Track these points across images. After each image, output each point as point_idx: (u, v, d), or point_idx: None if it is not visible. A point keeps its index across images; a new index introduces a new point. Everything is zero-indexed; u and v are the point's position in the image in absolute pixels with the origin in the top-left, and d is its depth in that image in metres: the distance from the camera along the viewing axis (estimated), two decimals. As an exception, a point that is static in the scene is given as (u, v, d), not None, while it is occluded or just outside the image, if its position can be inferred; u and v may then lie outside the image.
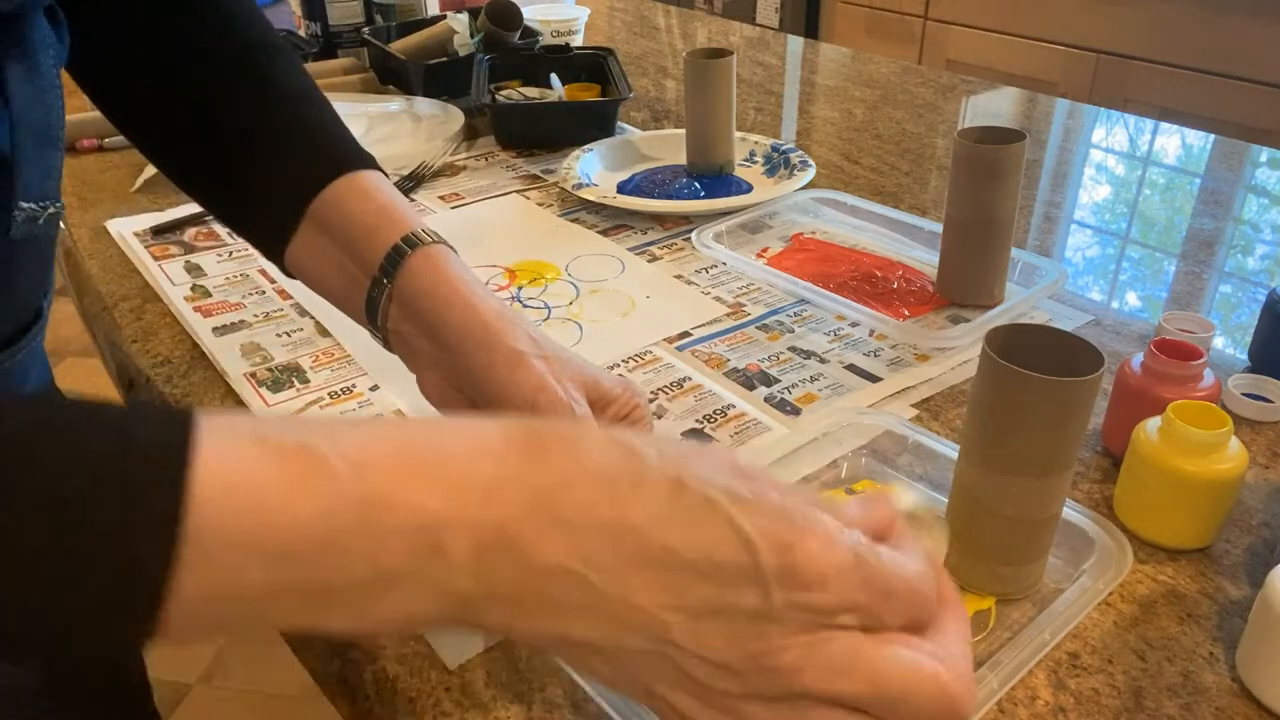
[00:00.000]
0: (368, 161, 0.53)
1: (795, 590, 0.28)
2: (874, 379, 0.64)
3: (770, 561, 0.28)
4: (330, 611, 0.27)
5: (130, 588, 0.25)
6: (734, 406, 0.61)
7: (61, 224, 0.88)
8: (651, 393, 0.62)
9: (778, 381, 0.64)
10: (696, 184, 0.92)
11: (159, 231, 0.84)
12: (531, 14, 1.34)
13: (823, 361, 0.66)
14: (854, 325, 0.70)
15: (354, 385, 0.63)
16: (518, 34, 1.21)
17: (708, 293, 0.75)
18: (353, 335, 0.69)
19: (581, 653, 0.30)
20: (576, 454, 0.28)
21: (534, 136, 1.05)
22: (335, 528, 0.26)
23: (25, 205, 0.44)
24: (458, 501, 0.27)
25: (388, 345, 0.52)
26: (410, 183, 0.95)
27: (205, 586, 0.25)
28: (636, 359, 0.66)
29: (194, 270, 0.79)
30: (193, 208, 0.89)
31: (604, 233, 0.85)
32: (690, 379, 0.64)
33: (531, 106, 1.08)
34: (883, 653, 0.29)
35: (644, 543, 0.28)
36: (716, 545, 0.28)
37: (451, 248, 0.51)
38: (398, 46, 1.22)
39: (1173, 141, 1.11)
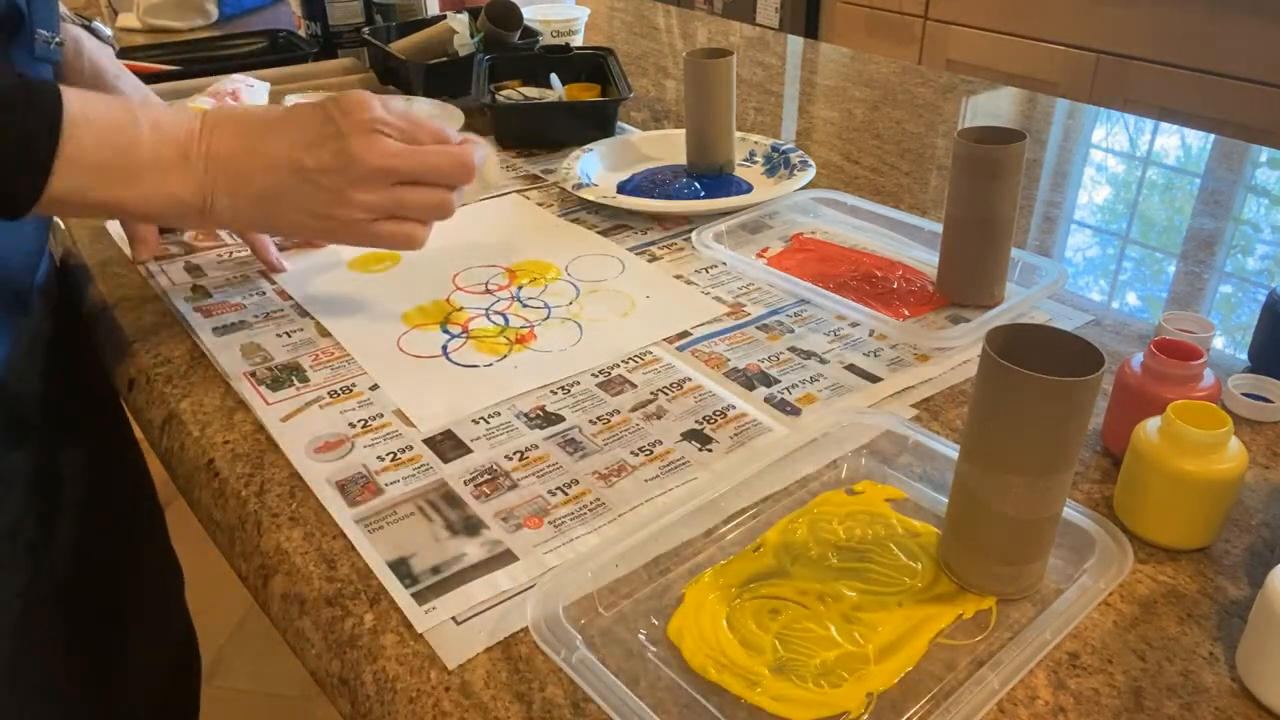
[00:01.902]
0: None
1: (351, 115, 0.59)
2: (874, 379, 0.64)
3: (335, 112, 0.60)
4: (124, 194, 0.55)
5: (30, 146, 0.51)
6: (734, 407, 0.61)
7: (61, 224, 0.88)
8: (651, 393, 0.62)
9: (778, 382, 0.64)
10: (696, 184, 0.92)
11: (159, 232, 0.84)
12: (531, 14, 1.34)
13: (823, 362, 0.66)
14: (854, 325, 0.70)
15: (354, 385, 0.63)
16: (518, 34, 1.21)
17: (708, 293, 0.75)
18: (353, 335, 0.69)
19: (276, 206, 0.60)
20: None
21: (534, 136, 1.05)
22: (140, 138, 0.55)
23: (41, 32, 0.61)
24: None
25: None
26: (410, 183, 0.95)
27: (72, 157, 0.52)
28: (636, 359, 0.66)
29: (194, 270, 0.79)
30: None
31: (604, 233, 0.85)
32: (690, 379, 0.64)
33: (531, 106, 1.08)
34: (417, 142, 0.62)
35: (274, 128, 0.60)
36: (310, 118, 0.60)
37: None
38: (398, 46, 1.22)
39: (1173, 141, 1.11)
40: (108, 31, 0.75)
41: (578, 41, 1.40)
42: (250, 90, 1.04)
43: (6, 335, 0.65)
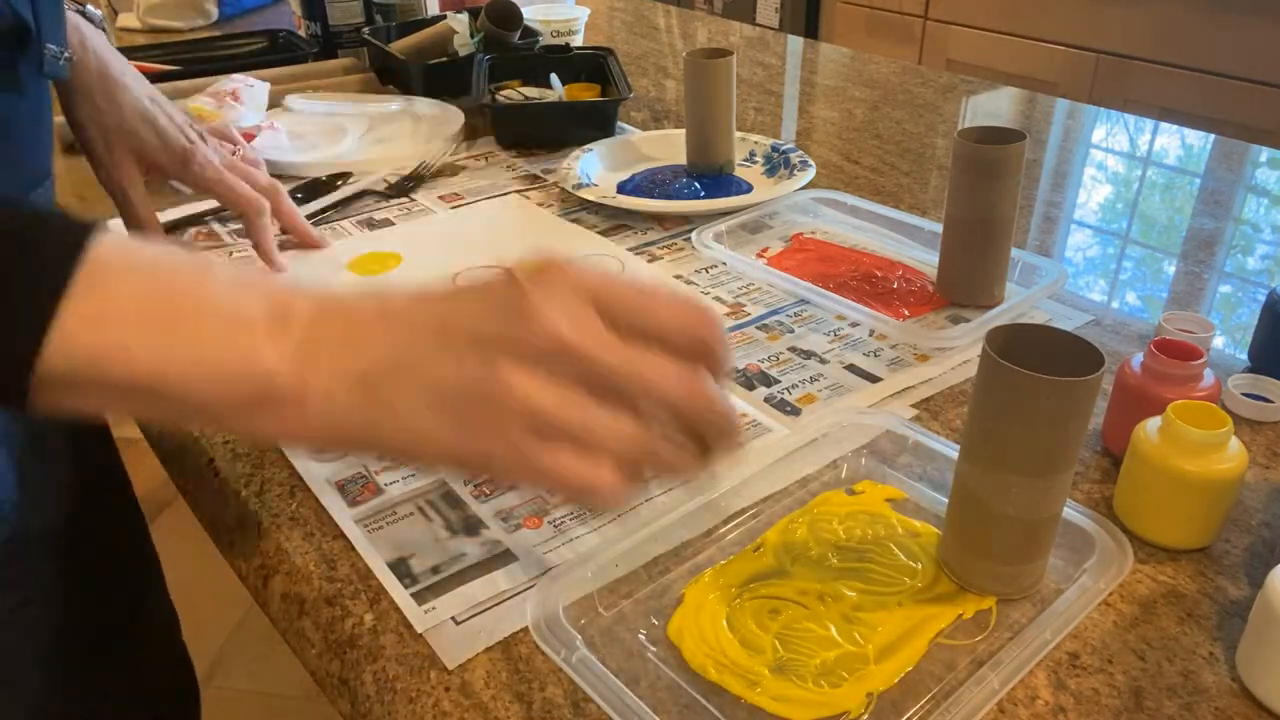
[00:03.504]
0: None
1: (548, 271, 0.37)
2: (874, 379, 0.64)
3: (521, 270, 0.37)
4: (177, 353, 0.35)
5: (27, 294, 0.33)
6: (734, 407, 0.61)
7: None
8: (651, 393, 0.62)
9: (778, 382, 0.64)
10: (696, 184, 0.92)
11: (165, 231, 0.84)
12: (531, 14, 1.34)
13: (823, 362, 0.66)
14: (854, 325, 0.70)
15: (354, 385, 0.63)
16: (518, 34, 1.21)
17: (708, 293, 0.75)
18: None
19: (394, 385, 0.36)
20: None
21: (534, 136, 1.05)
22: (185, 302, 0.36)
23: (50, 47, 0.54)
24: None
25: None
26: (410, 183, 0.95)
27: (88, 311, 0.33)
28: (636, 359, 0.66)
29: (194, 270, 0.78)
30: (192, 208, 0.89)
31: (604, 233, 0.85)
32: (690, 379, 0.64)
33: (531, 106, 1.08)
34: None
35: (424, 293, 0.39)
36: (482, 283, 0.38)
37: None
38: (398, 46, 1.22)
39: (1173, 141, 1.11)
40: (98, 14, 0.74)
41: (578, 41, 1.40)
42: (250, 90, 1.04)
43: None
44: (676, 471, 0.39)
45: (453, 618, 0.46)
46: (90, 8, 0.74)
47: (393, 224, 0.87)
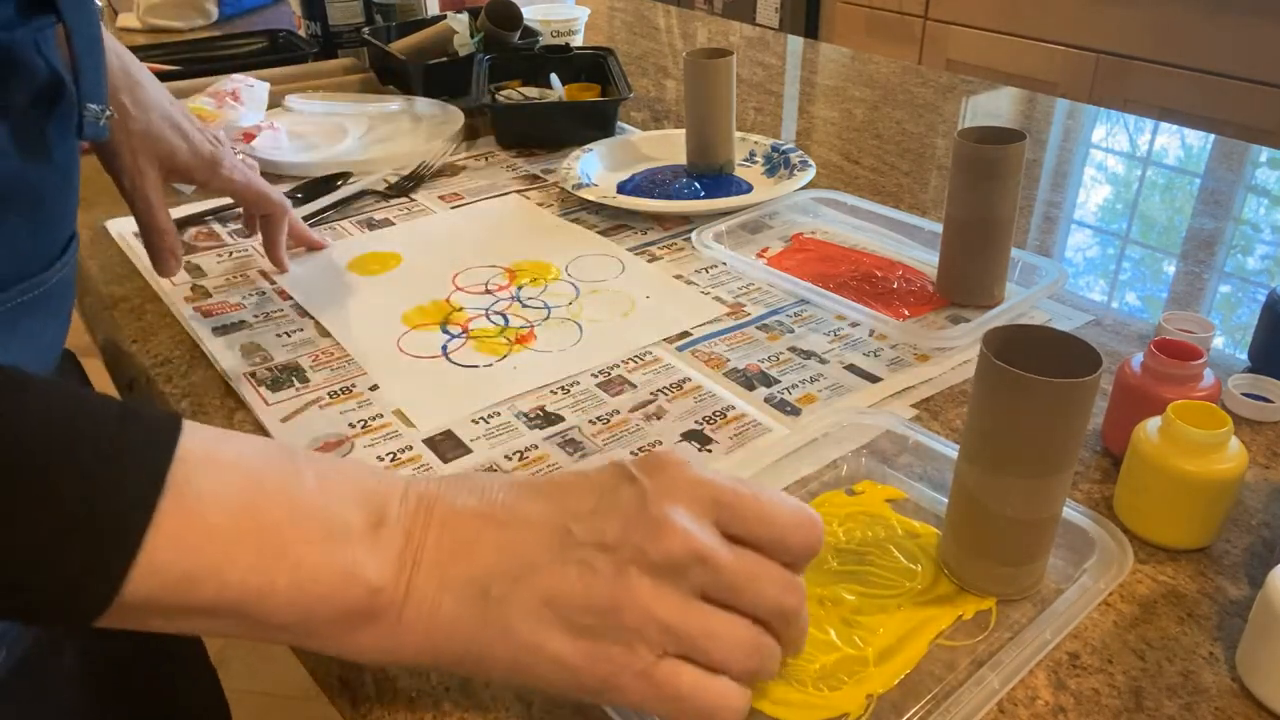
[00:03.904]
0: None
1: (666, 471, 0.36)
2: (874, 379, 0.64)
3: (636, 468, 0.37)
4: (272, 574, 0.32)
5: (115, 527, 0.30)
6: (734, 407, 0.61)
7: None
8: (651, 393, 0.62)
9: (778, 382, 0.64)
10: (696, 184, 0.92)
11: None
12: (531, 14, 1.34)
13: (823, 362, 0.66)
14: (854, 325, 0.70)
15: (354, 385, 0.63)
16: (518, 34, 1.21)
17: (708, 293, 0.75)
18: (353, 335, 0.69)
19: (506, 600, 0.34)
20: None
21: (534, 136, 1.05)
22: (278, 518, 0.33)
23: (91, 107, 0.49)
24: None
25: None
26: (410, 183, 0.95)
27: (175, 536, 0.31)
28: (636, 359, 0.66)
29: (194, 270, 0.79)
30: (192, 208, 0.89)
31: (604, 233, 0.85)
32: (690, 379, 0.64)
33: (531, 106, 1.08)
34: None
35: (532, 486, 0.37)
36: (595, 474, 0.37)
37: None
38: (398, 46, 1.22)
39: (1173, 141, 1.11)
40: (97, 3, 0.74)
41: (578, 41, 1.40)
42: (250, 90, 1.04)
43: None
44: (768, 678, 0.38)
45: (453, 618, 0.46)
46: None
47: (393, 224, 0.87)
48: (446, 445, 0.58)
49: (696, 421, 0.60)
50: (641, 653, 0.34)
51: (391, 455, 0.57)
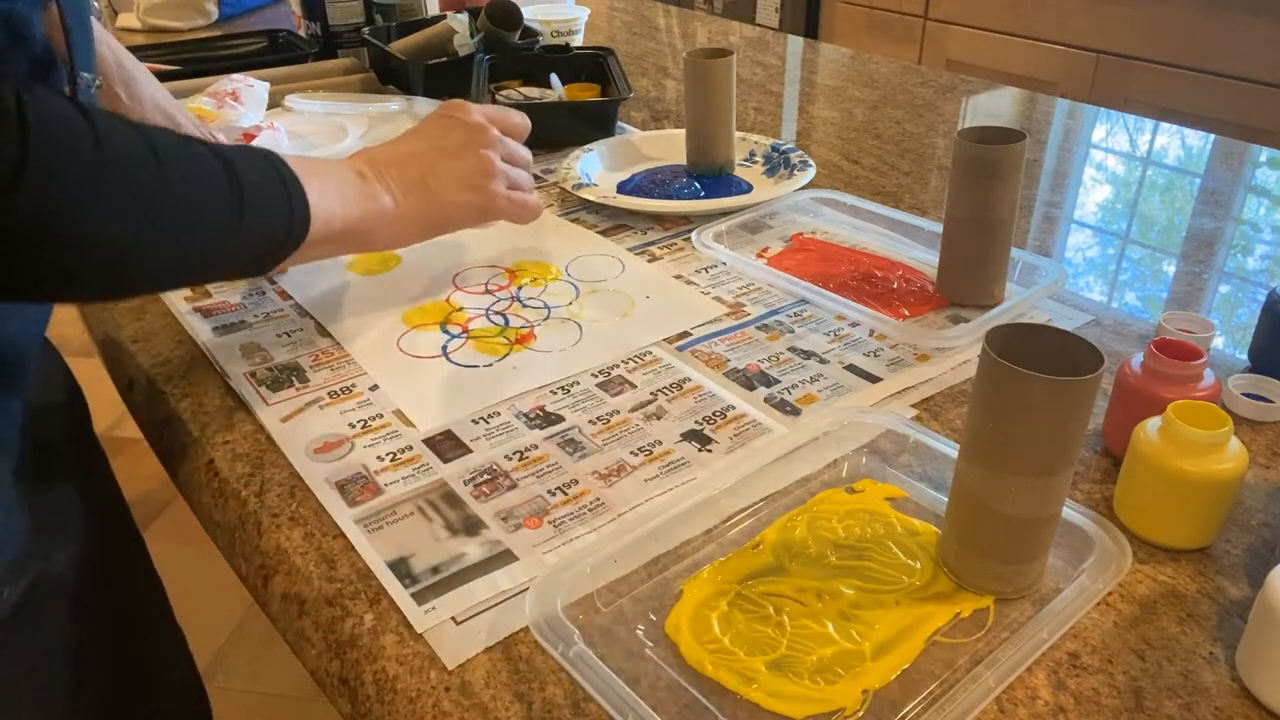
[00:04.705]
0: None
1: (461, 106, 0.71)
2: (874, 379, 0.64)
3: (445, 109, 0.71)
4: (351, 209, 0.61)
5: (291, 219, 0.56)
6: (734, 408, 0.61)
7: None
8: (651, 393, 0.62)
9: (778, 382, 0.64)
10: (696, 184, 0.92)
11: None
12: (531, 14, 1.34)
13: (823, 362, 0.66)
14: (854, 325, 0.70)
15: (354, 385, 0.63)
16: (518, 34, 1.21)
17: (708, 293, 0.75)
18: (353, 335, 0.69)
19: (437, 185, 0.67)
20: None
21: (534, 136, 1.05)
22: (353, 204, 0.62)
23: (83, 75, 0.56)
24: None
25: None
26: (410, 183, 0.95)
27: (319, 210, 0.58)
28: (636, 359, 0.66)
29: (194, 270, 0.79)
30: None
31: (604, 233, 0.85)
32: (690, 379, 0.64)
33: (531, 106, 1.08)
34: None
35: (405, 139, 0.69)
36: (431, 121, 0.71)
37: None
38: (398, 46, 1.22)
39: (1173, 141, 1.11)
40: (95, 7, 0.75)
41: (578, 41, 1.40)
42: (250, 90, 1.04)
43: (12, 451, 0.56)
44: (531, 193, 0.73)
45: (453, 618, 0.46)
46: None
47: (393, 224, 0.87)
48: (446, 445, 0.58)
49: (696, 421, 0.60)
50: (502, 188, 0.69)
51: (391, 455, 0.57)
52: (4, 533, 0.53)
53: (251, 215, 0.52)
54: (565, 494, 0.54)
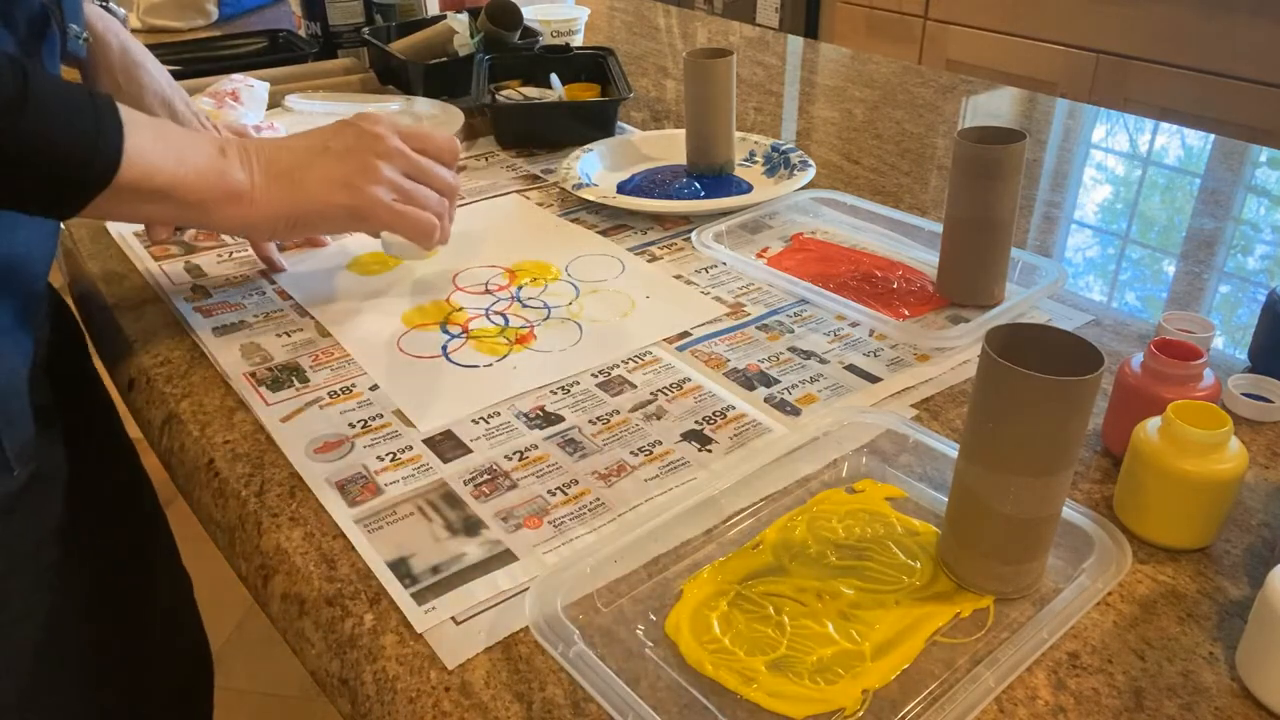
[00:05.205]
0: None
1: (366, 117, 0.68)
2: (874, 379, 0.64)
3: (351, 119, 0.68)
4: (186, 171, 0.58)
5: (96, 146, 0.54)
6: (734, 408, 0.61)
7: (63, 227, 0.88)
8: (651, 393, 0.62)
9: (778, 382, 0.64)
10: (696, 184, 0.92)
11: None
12: (531, 14, 1.34)
13: (823, 362, 0.66)
14: (854, 325, 0.70)
15: (354, 385, 0.63)
16: (518, 34, 1.21)
17: (708, 293, 0.75)
18: (353, 335, 0.69)
19: (305, 178, 0.64)
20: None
21: (534, 136, 1.05)
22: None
23: (73, 26, 0.64)
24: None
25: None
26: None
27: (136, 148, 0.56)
28: (636, 359, 0.66)
29: (194, 270, 0.79)
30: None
31: (604, 233, 0.85)
32: (690, 379, 0.64)
33: (531, 106, 1.08)
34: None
35: (296, 136, 0.67)
36: (327, 126, 0.68)
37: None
38: (398, 46, 1.22)
39: (1173, 141, 1.11)
40: (122, 13, 0.77)
41: (578, 41, 1.40)
42: (250, 90, 1.04)
43: (29, 337, 0.63)
44: (442, 219, 0.70)
45: (453, 618, 0.46)
46: (113, 4, 0.76)
47: (393, 224, 0.87)
48: (446, 445, 0.58)
49: (696, 421, 0.60)
50: (384, 196, 0.66)
51: (391, 455, 0.57)
52: (20, 418, 0.61)
53: (37, 112, 0.50)
54: (565, 494, 0.54)
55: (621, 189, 0.92)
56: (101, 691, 0.69)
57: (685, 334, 0.69)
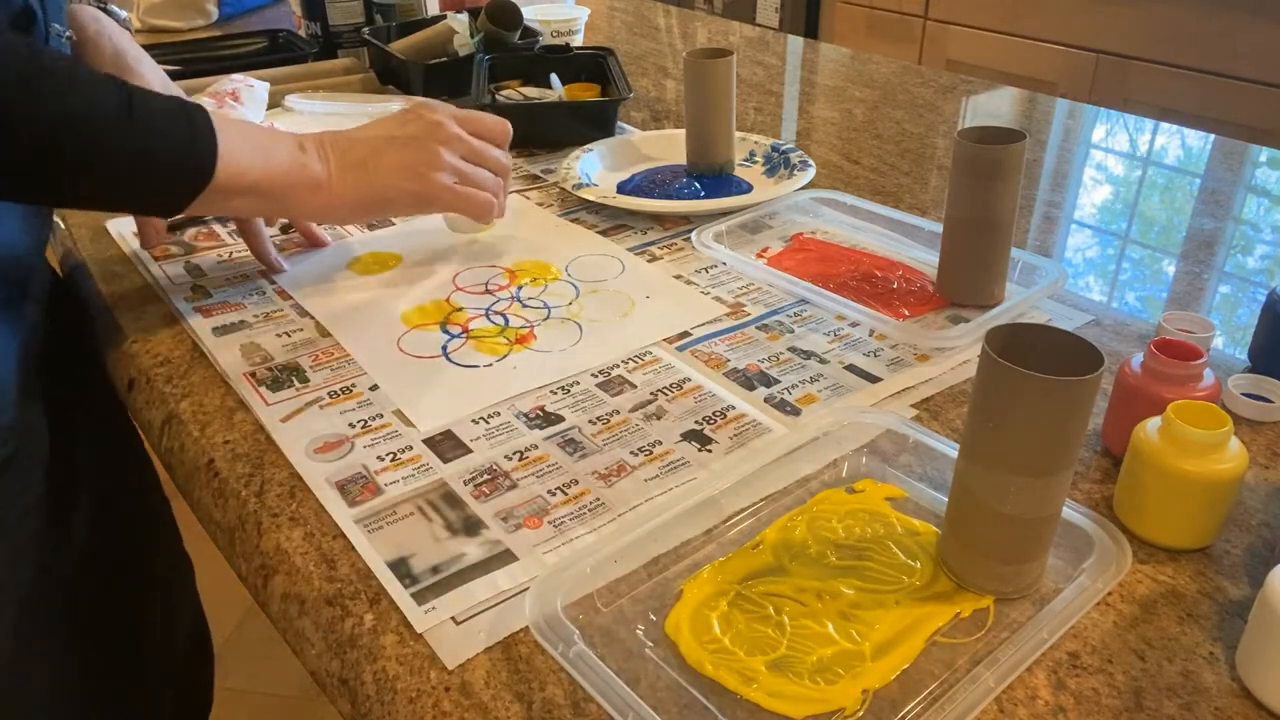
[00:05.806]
0: None
1: (426, 105, 0.73)
2: (874, 379, 0.64)
3: (411, 107, 0.74)
4: (271, 169, 0.65)
5: (194, 148, 0.60)
6: (734, 408, 0.61)
7: (60, 221, 0.88)
8: (651, 393, 0.62)
9: (778, 382, 0.64)
10: (696, 184, 0.92)
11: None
12: (531, 14, 1.34)
13: (823, 362, 0.66)
14: (854, 325, 0.70)
15: (354, 385, 0.63)
16: (518, 34, 1.21)
17: (708, 293, 0.75)
18: (353, 335, 0.69)
19: (378, 166, 0.70)
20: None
21: (534, 136, 1.05)
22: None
23: (55, 26, 0.65)
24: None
25: None
26: (410, 183, 0.95)
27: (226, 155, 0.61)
28: (636, 359, 0.66)
29: (194, 270, 0.79)
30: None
31: (604, 233, 0.85)
32: (690, 380, 0.64)
33: (531, 106, 1.08)
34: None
35: (364, 128, 0.73)
36: (392, 115, 0.74)
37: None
38: (398, 46, 1.22)
39: (1173, 141, 1.11)
40: (123, 14, 0.77)
41: (578, 41, 1.40)
42: (250, 90, 1.04)
43: (16, 324, 0.65)
44: (499, 196, 0.75)
45: (453, 618, 0.46)
46: (113, 6, 0.76)
47: (393, 223, 0.87)
48: (446, 445, 0.58)
49: (696, 421, 0.60)
50: (447, 181, 0.71)
51: (391, 455, 0.57)
52: (3, 400, 0.63)
53: (141, 121, 0.56)
54: (565, 494, 0.54)
55: (621, 189, 0.92)
56: (89, 657, 0.71)
57: (685, 334, 0.69)
